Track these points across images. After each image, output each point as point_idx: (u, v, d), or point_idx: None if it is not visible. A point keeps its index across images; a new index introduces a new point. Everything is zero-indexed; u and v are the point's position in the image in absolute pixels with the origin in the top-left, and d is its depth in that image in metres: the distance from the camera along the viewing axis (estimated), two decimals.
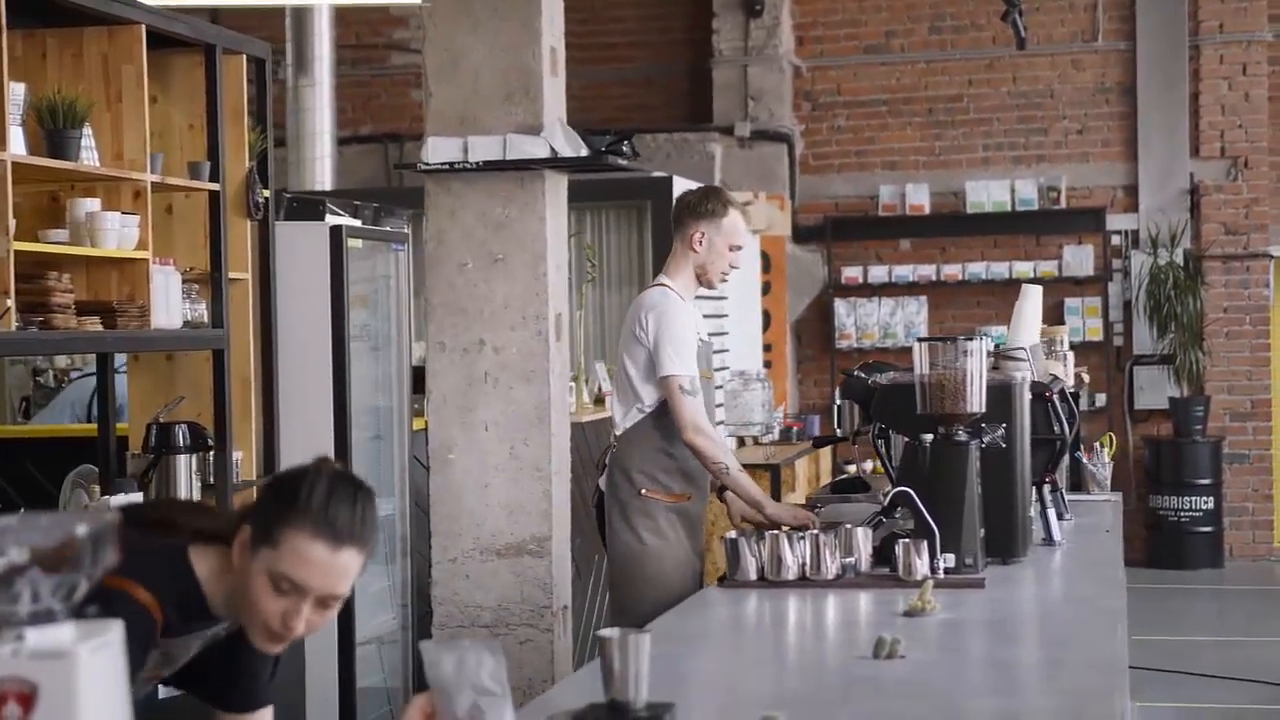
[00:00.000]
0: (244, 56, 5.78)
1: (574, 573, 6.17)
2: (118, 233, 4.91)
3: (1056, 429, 4.98)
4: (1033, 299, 5.50)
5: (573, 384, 7.87)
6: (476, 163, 5.63)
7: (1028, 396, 4.67)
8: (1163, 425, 12.39)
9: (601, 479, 5.34)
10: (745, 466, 8.82)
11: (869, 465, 12.18)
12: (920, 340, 4.45)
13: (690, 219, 5.19)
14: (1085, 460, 6.31)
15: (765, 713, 2.62)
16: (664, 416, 5.10)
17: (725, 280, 5.30)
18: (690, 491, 5.18)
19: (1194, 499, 12.02)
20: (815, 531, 4.31)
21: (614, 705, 2.71)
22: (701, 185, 5.51)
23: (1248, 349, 12.37)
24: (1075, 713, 2.88)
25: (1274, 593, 11.65)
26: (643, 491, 5.11)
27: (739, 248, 5.23)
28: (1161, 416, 12.39)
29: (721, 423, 9.80)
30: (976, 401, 4.37)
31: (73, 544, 1.75)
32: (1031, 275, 12.24)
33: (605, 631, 2.72)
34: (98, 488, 5.37)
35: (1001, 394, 4.52)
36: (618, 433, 5.21)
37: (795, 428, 10.87)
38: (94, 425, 5.79)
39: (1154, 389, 12.38)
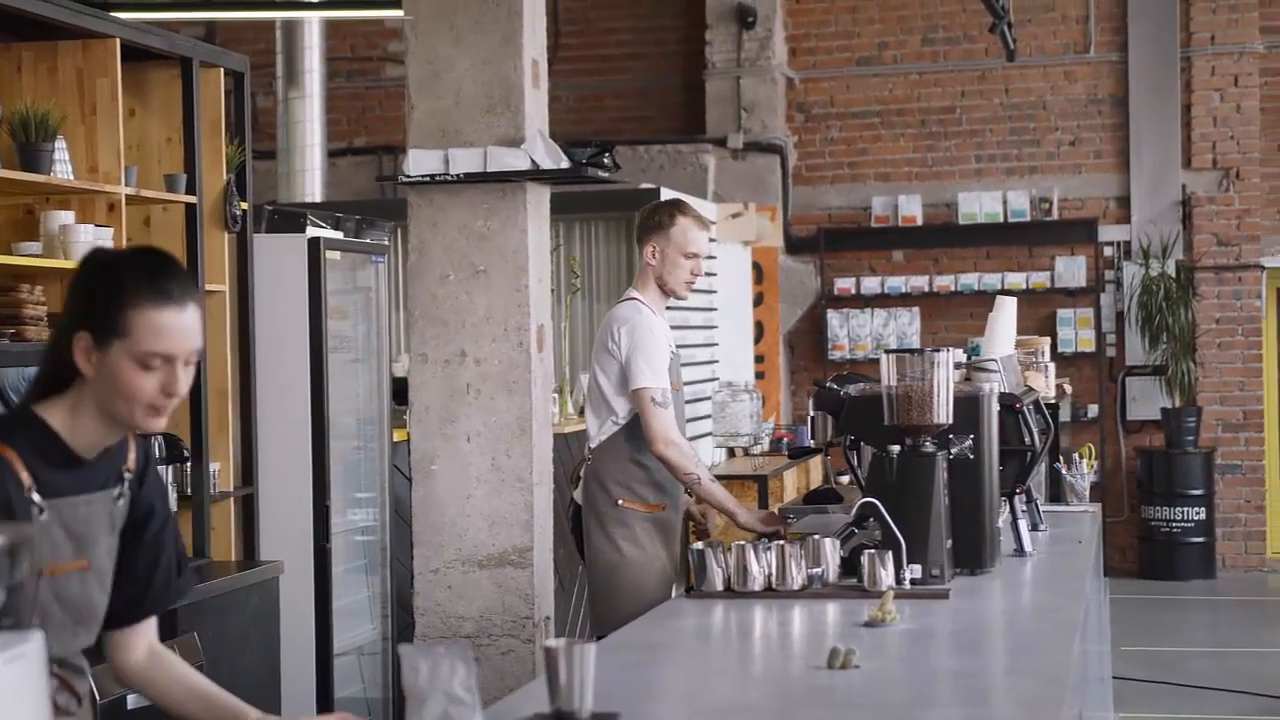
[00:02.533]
0: (221, 70, 5.81)
1: (556, 584, 6.18)
2: (91, 245, 4.92)
3: (1027, 440, 4.99)
4: (1007, 311, 5.52)
5: (556, 395, 7.90)
6: (457, 175, 5.66)
7: (995, 408, 4.67)
8: (1155, 436, 12.39)
9: (576, 492, 5.37)
10: (733, 478, 8.90)
11: (846, 478, 12.19)
12: (888, 352, 4.46)
13: (642, 233, 5.31)
14: (1064, 471, 6.32)
15: None
16: (637, 428, 5.15)
17: (690, 287, 5.35)
18: (664, 501, 5.21)
19: (1186, 510, 12.02)
20: (781, 542, 4.32)
21: (559, 715, 2.73)
22: (659, 200, 5.56)
23: (1240, 360, 12.37)
24: None
25: (1266, 603, 11.64)
26: (619, 503, 5.17)
27: (695, 255, 5.28)
28: (1154, 427, 12.39)
29: (709, 434, 9.81)
30: (943, 413, 4.38)
31: None
32: (1024, 286, 12.26)
33: (551, 642, 2.74)
34: None
35: (969, 405, 4.52)
36: (592, 445, 5.27)
37: (787, 439, 10.88)
38: None
39: (1146, 400, 12.38)
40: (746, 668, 3.63)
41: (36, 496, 2.57)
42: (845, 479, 12.00)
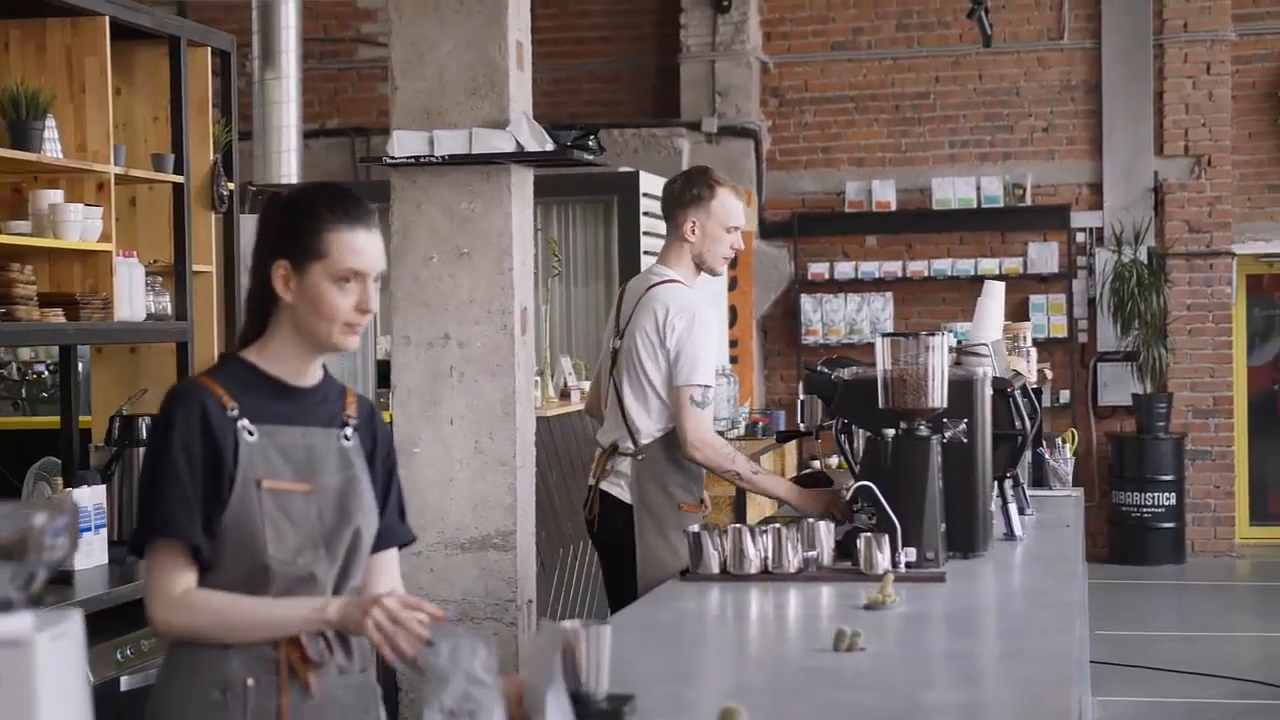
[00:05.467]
0: (209, 49, 5.77)
1: (539, 567, 6.18)
2: (80, 224, 4.90)
3: (1018, 424, 5.01)
4: (995, 295, 5.53)
5: (538, 378, 7.88)
6: (442, 156, 5.64)
7: (989, 392, 4.68)
8: (1126, 422, 12.46)
9: (608, 485, 5.04)
10: None
11: (834, 460, 12.24)
12: (883, 335, 4.46)
13: (678, 209, 5.00)
14: (1047, 456, 6.35)
15: (725, 704, 2.63)
16: None
17: (727, 263, 5.11)
18: (704, 496, 5.12)
19: (1156, 495, 12.09)
20: (778, 525, 4.32)
21: (575, 696, 2.72)
22: (688, 170, 5.24)
23: (1210, 346, 12.45)
24: (1030, 704, 2.90)
25: (1235, 588, 11.74)
26: (681, 506, 4.94)
27: (736, 228, 5.01)
28: (1125, 413, 12.46)
29: None
30: (938, 397, 4.39)
31: (30, 533, 1.76)
32: (997, 272, 12.30)
33: (567, 623, 2.74)
34: (60, 480, 5.34)
35: (963, 389, 4.54)
36: (644, 441, 4.95)
37: (762, 423, 10.90)
38: (56, 418, 5.77)
39: (1117, 385, 12.45)
40: (752, 650, 3.64)
41: (246, 421, 2.76)
42: (816, 463, 12.03)
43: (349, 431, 2.89)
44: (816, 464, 12.35)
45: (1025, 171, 12.59)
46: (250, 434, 2.76)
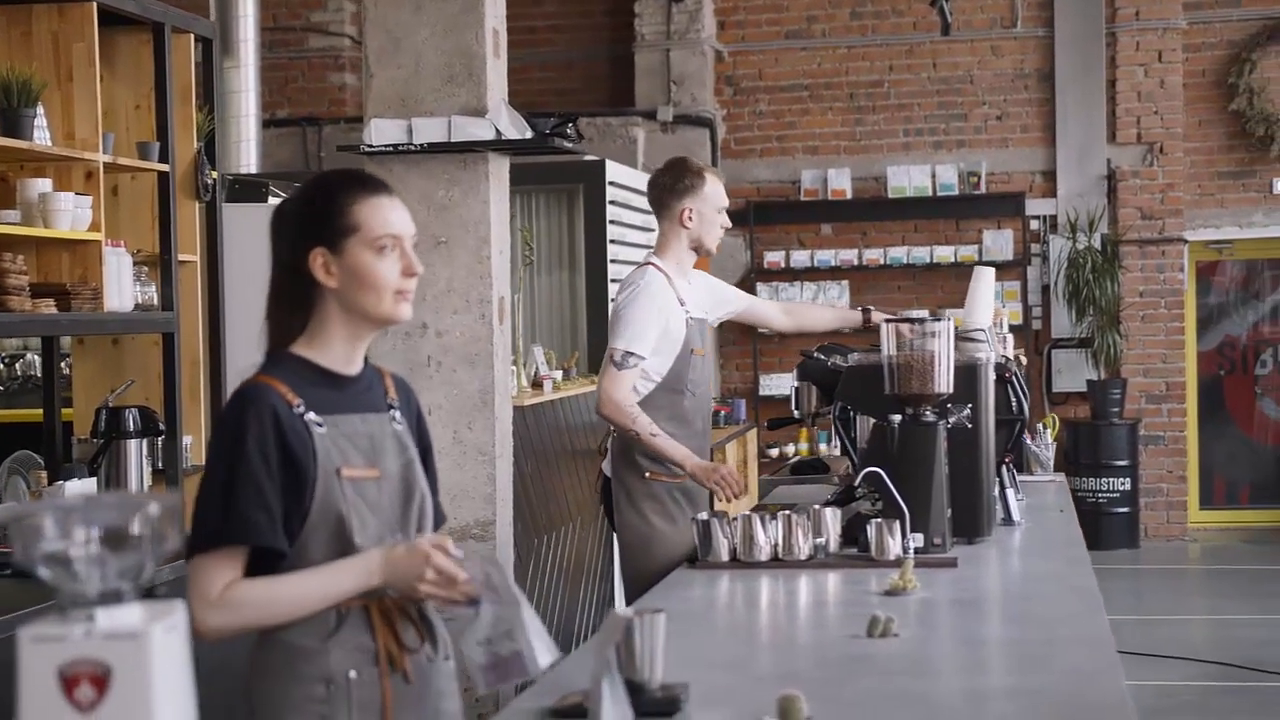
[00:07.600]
0: (191, 36, 5.69)
1: (514, 557, 6.15)
2: (71, 214, 4.82)
3: (1016, 409, 5.03)
4: (986, 280, 5.53)
5: (512, 368, 7.85)
6: (421, 144, 5.59)
7: (992, 377, 4.70)
8: (1080, 408, 12.53)
9: (605, 464, 5.30)
10: None
11: (791, 449, 12.27)
12: (888, 321, 4.47)
13: (673, 199, 5.21)
14: (1029, 442, 6.37)
15: (783, 691, 2.61)
16: (659, 398, 5.10)
17: (721, 238, 5.34)
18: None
19: (1111, 480, 12.17)
20: (787, 512, 4.32)
21: (629, 684, 2.70)
22: (669, 163, 5.40)
23: (1163, 332, 12.54)
24: (1085, 690, 2.89)
25: (1188, 572, 11.84)
26: (647, 475, 5.12)
27: (724, 208, 5.28)
28: (1079, 399, 12.54)
29: None
30: (944, 382, 4.39)
31: (143, 522, 1.72)
32: (952, 260, 12.36)
33: (621, 611, 2.71)
34: (44, 474, 5.27)
35: (967, 374, 4.55)
36: None
37: (722, 412, 10.90)
38: (38, 410, 5.69)
39: (1072, 372, 12.53)
40: (784, 637, 3.62)
41: (312, 415, 2.74)
42: (774, 450, 12.04)
43: (397, 415, 2.88)
44: (774, 452, 12.38)
45: (980, 159, 12.64)
46: (319, 426, 2.74)
